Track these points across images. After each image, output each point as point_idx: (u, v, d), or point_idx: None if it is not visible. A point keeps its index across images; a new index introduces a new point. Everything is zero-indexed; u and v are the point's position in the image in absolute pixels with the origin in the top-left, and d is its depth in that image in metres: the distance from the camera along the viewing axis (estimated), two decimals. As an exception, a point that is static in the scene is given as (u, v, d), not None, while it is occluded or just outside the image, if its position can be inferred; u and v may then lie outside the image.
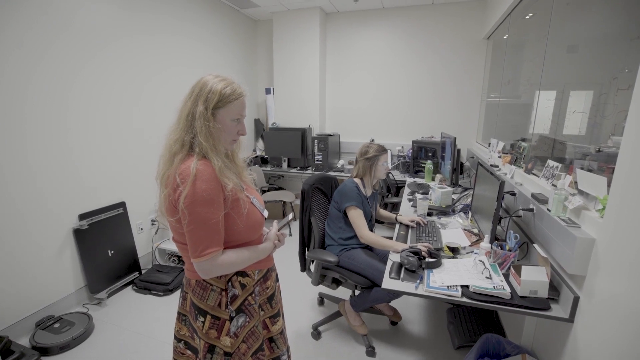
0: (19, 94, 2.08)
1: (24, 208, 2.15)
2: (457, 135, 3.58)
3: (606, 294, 1.11)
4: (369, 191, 2.17)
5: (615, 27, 2.08)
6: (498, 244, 1.65)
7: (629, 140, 1.05)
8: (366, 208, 2.07)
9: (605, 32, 2.27)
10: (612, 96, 2.04)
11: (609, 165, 1.65)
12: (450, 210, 2.40)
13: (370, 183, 2.16)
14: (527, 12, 3.05)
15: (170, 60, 3.20)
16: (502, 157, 2.46)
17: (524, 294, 1.37)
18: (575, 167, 1.74)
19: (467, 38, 3.83)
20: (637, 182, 0.99)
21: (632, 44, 2.04)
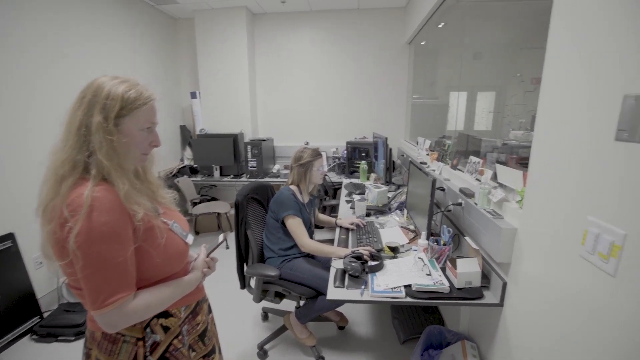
0: None
1: None
2: (388, 135, 3.72)
3: (527, 278, 1.20)
4: (307, 197, 2.10)
5: (509, 38, 2.37)
6: (434, 240, 1.72)
7: (538, 137, 1.14)
8: (304, 215, 2.00)
9: (503, 42, 2.58)
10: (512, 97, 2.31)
11: (511, 155, 1.84)
12: (387, 208, 2.46)
13: (306, 189, 2.09)
14: (440, 22, 3.31)
15: (74, 64, 2.75)
16: (429, 155, 2.60)
17: (460, 286, 1.43)
18: (487, 159, 1.91)
19: (392, 42, 4.03)
20: (547, 176, 1.08)
21: (522, 52, 2.36)
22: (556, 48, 1.06)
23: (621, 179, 0.79)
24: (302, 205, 2.03)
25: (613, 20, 0.83)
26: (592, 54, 0.89)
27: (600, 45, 0.87)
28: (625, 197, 0.78)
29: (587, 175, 0.90)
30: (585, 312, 0.90)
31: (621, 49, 0.80)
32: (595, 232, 0.86)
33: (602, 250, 0.83)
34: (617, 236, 0.79)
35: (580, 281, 0.92)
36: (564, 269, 0.99)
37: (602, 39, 0.86)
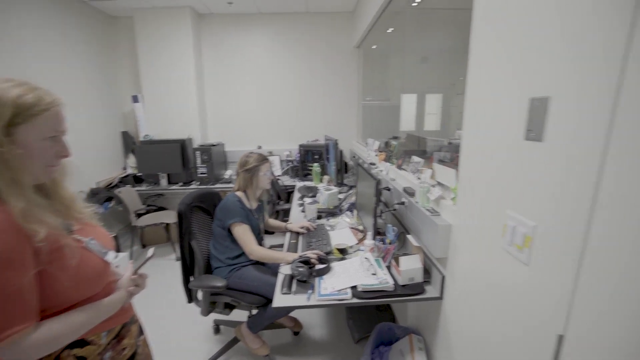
0: None
1: None
2: (340, 137, 3.78)
3: (462, 270, 1.26)
4: (254, 203, 2.05)
5: (454, 43, 2.52)
6: (380, 239, 1.75)
7: (465, 137, 1.21)
8: (252, 222, 1.95)
9: (448, 47, 2.75)
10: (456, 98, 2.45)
11: (456, 154, 1.95)
12: (338, 210, 2.49)
13: (254, 195, 2.04)
14: (388, 27, 3.44)
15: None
16: (378, 155, 2.67)
17: (404, 282, 1.48)
18: (435, 157, 2.00)
19: (341, 46, 4.09)
20: (473, 173, 1.15)
21: (465, 57, 2.55)
22: (476, 56, 1.13)
23: (530, 175, 0.86)
24: (250, 211, 1.97)
25: (520, 32, 0.90)
26: (505, 61, 0.96)
27: (510, 53, 0.94)
28: (534, 191, 0.84)
29: (504, 172, 0.97)
30: (506, 299, 0.96)
31: (527, 56, 0.86)
32: (512, 225, 0.92)
33: (517, 241, 0.90)
34: (528, 228, 0.85)
35: (502, 271, 0.98)
36: (490, 261, 1.05)
37: (512, 48, 0.93)
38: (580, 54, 0.69)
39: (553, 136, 0.77)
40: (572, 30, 0.71)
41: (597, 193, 0.65)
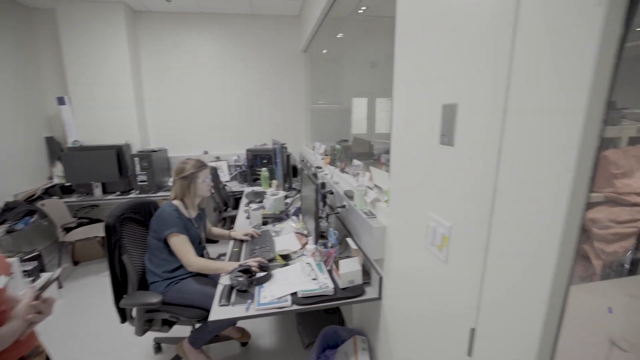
0: None
1: None
2: (289, 140, 3.76)
3: (396, 270, 1.30)
4: (194, 212, 1.95)
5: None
6: (322, 243, 1.76)
7: (393, 142, 1.25)
8: (192, 231, 1.85)
9: (393, 53, 2.87)
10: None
11: None
12: (284, 215, 2.46)
13: (192, 203, 1.95)
14: (337, 32, 3.50)
15: None
16: (324, 159, 2.69)
17: (344, 285, 1.49)
18: (383, 160, 2.06)
19: (288, 49, 4.08)
20: (401, 176, 1.19)
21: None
22: (399, 65, 1.17)
23: (446, 178, 0.90)
24: (189, 220, 1.87)
25: (431, 45, 0.95)
26: (422, 70, 1.01)
27: (426, 63, 0.98)
28: (449, 193, 0.89)
29: (425, 176, 1.01)
30: (431, 297, 1.01)
31: (438, 66, 0.91)
32: (433, 226, 0.96)
33: (437, 242, 0.94)
34: (445, 228, 0.90)
35: (427, 270, 1.03)
36: (417, 261, 1.09)
37: (427, 58, 0.98)
38: (476, 67, 0.74)
39: (461, 140, 0.82)
40: (467, 46, 0.76)
41: (495, 193, 0.70)
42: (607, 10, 0.45)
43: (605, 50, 0.47)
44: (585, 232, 2.21)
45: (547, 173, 0.56)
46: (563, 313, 0.59)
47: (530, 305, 0.61)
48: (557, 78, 0.54)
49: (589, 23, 0.47)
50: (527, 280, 0.62)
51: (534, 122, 0.59)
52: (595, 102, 0.48)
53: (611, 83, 0.48)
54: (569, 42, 0.51)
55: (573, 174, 0.51)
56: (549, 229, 0.56)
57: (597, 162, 0.51)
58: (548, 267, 0.57)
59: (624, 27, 0.45)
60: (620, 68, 0.47)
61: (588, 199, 0.53)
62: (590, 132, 0.50)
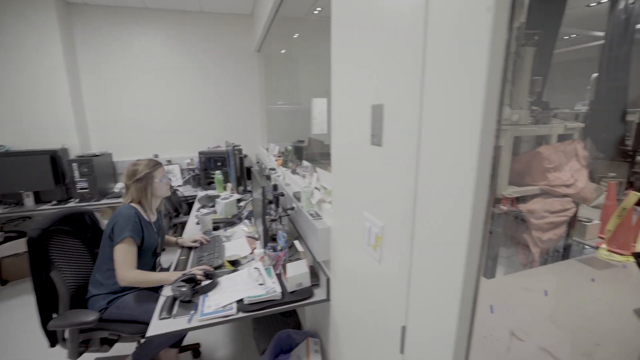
0: None
1: None
2: (245, 142, 3.67)
3: (341, 270, 1.30)
4: (153, 216, 1.82)
5: None
6: (271, 247, 1.72)
7: (333, 143, 1.25)
8: (152, 237, 1.73)
9: None
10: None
11: None
12: (237, 219, 2.39)
13: (151, 206, 1.81)
14: (293, 32, 3.47)
15: None
16: (277, 160, 2.65)
17: (292, 289, 1.47)
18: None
19: (241, 49, 3.98)
20: (341, 177, 1.20)
21: None
22: (335, 67, 1.17)
23: (377, 177, 0.91)
24: (149, 224, 1.75)
25: (362, 45, 0.95)
26: (354, 71, 1.01)
27: (357, 64, 0.99)
28: (381, 192, 0.90)
29: (360, 176, 1.02)
30: (370, 296, 1.02)
31: (369, 66, 0.92)
32: (368, 226, 0.97)
33: (372, 241, 0.95)
34: (378, 228, 0.91)
35: (365, 270, 1.03)
36: (357, 261, 1.10)
37: (358, 59, 0.98)
38: (398, 68, 0.75)
39: (388, 141, 0.83)
40: (390, 47, 0.77)
41: (416, 193, 0.71)
42: (494, 15, 0.47)
43: (495, 54, 0.48)
44: (524, 222, 2.36)
45: (456, 172, 0.58)
46: (475, 306, 0.61)
47: (447, 301, 0.63)
48: (456, 80, 0.56)
49: (480, 27, 0.49)
50: (444, 277, 0.64)
51: (442, 122, 0.61)
52: (490, 102, 0.50)
53: (502, 85, 0.50)
54: (466, 46, 0.53)
55: (475, 172, 0.53)
56: (460, 226, 0.58)
57: (495, 161, 0.53)
58: (459, 262, 0.58)
59: (509, 32, 0.47)
60: (507, 70, 0.49)
61: (491, 195, 0.54)
62: (488, 129, 0.51)
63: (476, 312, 0.61)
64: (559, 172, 3.43)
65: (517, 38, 3.29)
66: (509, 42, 0.48)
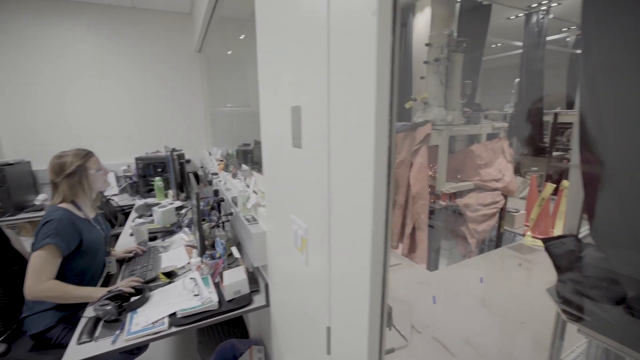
0: None
1: None
2: (187, 146, 3.50)
3: (277, 275, 1.28)
4: (92, 212, 1.64)
5: None
6: (209, 255, 1.65)
7: (264, 146, 1.23)
8: (94, 234, 1.55)
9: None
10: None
11: None
12: (177, 227, 2.26)
13: (88, 202, 1.63)
14: (239, 34, 3.37)
15: None
16: (219, 165, 2.56)
17: (230, 297, 1.41)
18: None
19: (181, 49, 3.79)
20: (272, 180, 1.18)
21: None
22: (261, 67, 1.15)
23: (300, 180, 0.90)
24: (86, 221, 1.56)
25: (282, 45, 0.94)
26: (277, 71, 1.00)
27: (278, 67, 0.98)
28: (304, 195, 0.89)
29: (286, 178, 1.01)
30: (301, 299, 1.01)
31: (289, 67, 0.91)
32: (294, 229, 0.96)
33: (299, 244, 0.94)
34: (304, 230, 0.90)
35: (296, 273, 1.02)
36: (289, 264, 1.09)
37: (280, 60, 0.97)
38: (311, 69, 0.75)
39: (307, 143, 0.83)
40: (303, 48, 0.77)
41: (330, 193, 0.72)
42: (379, 19, 0.49)
43: (382, 57, 0.50)
44: (461, 216, 2.53)
45: (358, 173, 0.59)
46: (384, 304, 0.62)
47: (359, 300, 0.64)
48: (352, 81, 0.57)
49: (368, 30, 0.50)
50: (355, 276, 0.65)
51: (344, 123, 0.61)
52: (381, 102, 0.51)
53: (391, 86, 0.51)
54: (358, 49, 0.54)
55: (373, 172, 0.54)
56: (364, 226, 0.59)
57: (390, 160, 0.54)
58: (366, 261, 0.59)
59: (393, 35, 0.49)
60: (395, 74, 0.50)
61: (389, 195, 0.56)
62: (381, 129, 0.53)
63: (385, 309, 0.63)
64: (489, 168, 3.72)
65: (448, 45, 3.50)
66: (394, 44, 0.50)
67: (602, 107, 1.13)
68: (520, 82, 4.56)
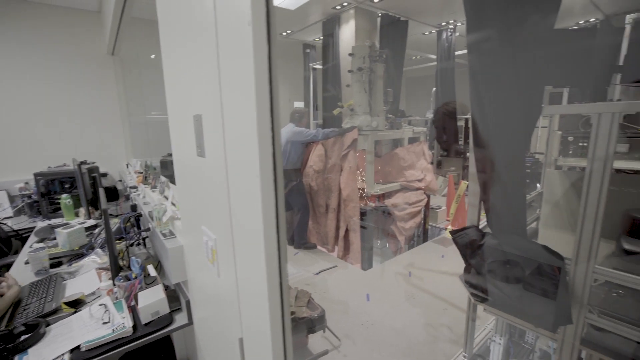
0: None
1: None
2: (103, 159, 3.17)
3: (197, 290, 1.22)
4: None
5: None
6: (123, 276, 1.51)
7: (174, 155, 1.17)
8: None
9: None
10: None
11: None
12: (86, 249, 2.02)
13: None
14: (156, 36, 3.15)
15: None
16: (138, 177, 2.36)
17: (147, 320, 1.31)
18: None
19: (90, 51, 3.43)
20: (183, 190, 1.12)
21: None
22: (166, 72, 1.10)
23: (207, 189, 0.88)
24: None
25: (182, 51, 0.91)
26: (180, 78, 0.96)
27: (181, 77, 0.94)
28: (212, 205, 0.86)
29: (195, 189, 0.97)
30: (216, 312, 0.97)
31: (190, 74, 0.88)
32: (205, 240, 0.92)
33: (210, 256, 0.91)
34: (213, 241, 0.87)
35: (211, 287, 0.99)
36: (205, 278, 1.04)
37: (182, 65, 0.94)
38: (207, 76, 0.74)
39: (209, 152, 0.81)
40: (199, 56, 0.76)
41: (230, 202, 0.71)
42: (254, 29, 0.49)
43: (259, 65, 0.51)
44: (390, 215, 2.68)
45: (248, 178, 0.59)
46: (284, 311, 0.63)
47: (260, 307, 0.64)
48: (236, 89, 0.57)
49: (246, 41, 0.51)
50: (256, 284, 0.64)
51: (235, 131, 0.61)
52: (262, 108, 0.52)
53: (270, 93, 0.52)
54: (239, 57, 0.54)
55: (259, 178, 0.55)
56: (257, 232, 0.59)
57: (276, 166, 0.55)
58: (262, 269, 0.59)
59: (268, 44, 0.50)
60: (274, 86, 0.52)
61: (278, 201, 0.57)
62: (263, 130, 0.53)
63: (286, 315, 0.63)
64: (412, 169, 4.01)
65: (369, 55, 3.70)
66: (270, 53, 0.51)
67: (487, 113, 1.30)
68: (436, 91, 5.05)
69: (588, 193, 1.10)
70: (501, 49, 1.17)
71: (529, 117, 1.21)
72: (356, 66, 3.31)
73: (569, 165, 1.97)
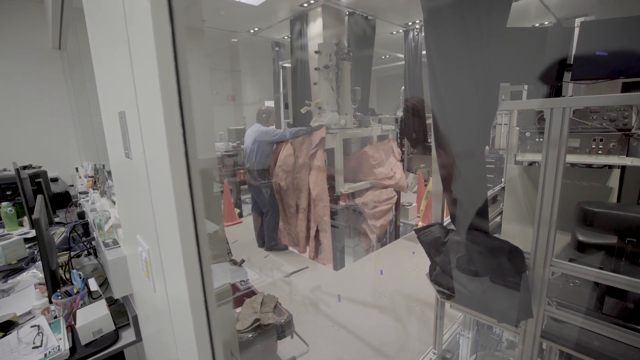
0: None
1: None
2: (54, 162, 2.93)
3: (142, 304, 1.12)
4: None
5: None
6: (60, 293, 1.36)
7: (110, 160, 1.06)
8: None
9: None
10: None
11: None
12: (26, 263, 1.84)
13: None
14: None
15: None
16: (87, 182, 2.19)
17: (88, 340, 1.18)
18: None
19: (32, 44, 3.14)
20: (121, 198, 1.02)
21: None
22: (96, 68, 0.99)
23: (137, 195, 0.78)
24: None
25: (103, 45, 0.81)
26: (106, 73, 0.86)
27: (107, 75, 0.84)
28: (142, 211, 0.77)
29: (128, 194, 0.87)
30: (158, 330, 0.88)
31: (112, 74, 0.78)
32: (140, 251, 0.83)
33: (144, 269, 0.81)
34: (147, 252, 0.78)
35: (148, 301, 0.89)
36: (144, 291, 0.94)
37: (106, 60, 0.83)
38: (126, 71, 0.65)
39: (135, 153, 0.72)
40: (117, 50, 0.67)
41: (153, 209, 0.62)
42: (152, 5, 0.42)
43: (162, 51, 0.43)
44: (361, 214, 2.61)
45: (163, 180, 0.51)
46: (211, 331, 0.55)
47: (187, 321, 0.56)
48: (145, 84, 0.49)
49: (145, 17, 0.43)
50: (179, 301, 0.57)
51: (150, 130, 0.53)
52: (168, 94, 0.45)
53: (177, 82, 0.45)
54: (141, 35, 0.47)
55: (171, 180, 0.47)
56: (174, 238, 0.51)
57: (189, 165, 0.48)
58: (183, 283, 0.52)
59: (171, 22, 0.43)
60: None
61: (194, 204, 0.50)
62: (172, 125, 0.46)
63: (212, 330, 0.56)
64: (382, 167, 4.02)
65: (336, 53, 3.67)
66: (174, 31, 0.43)
67: (446, 109, 1.28)
68: (405, 89, 5.09)
69: (544, 186, 1.10)
70: (457, 47, 1.15)
71: (486, 112, 1.20)
72: (323, 64, 3.26)
73: (528, 160, 2.02)
